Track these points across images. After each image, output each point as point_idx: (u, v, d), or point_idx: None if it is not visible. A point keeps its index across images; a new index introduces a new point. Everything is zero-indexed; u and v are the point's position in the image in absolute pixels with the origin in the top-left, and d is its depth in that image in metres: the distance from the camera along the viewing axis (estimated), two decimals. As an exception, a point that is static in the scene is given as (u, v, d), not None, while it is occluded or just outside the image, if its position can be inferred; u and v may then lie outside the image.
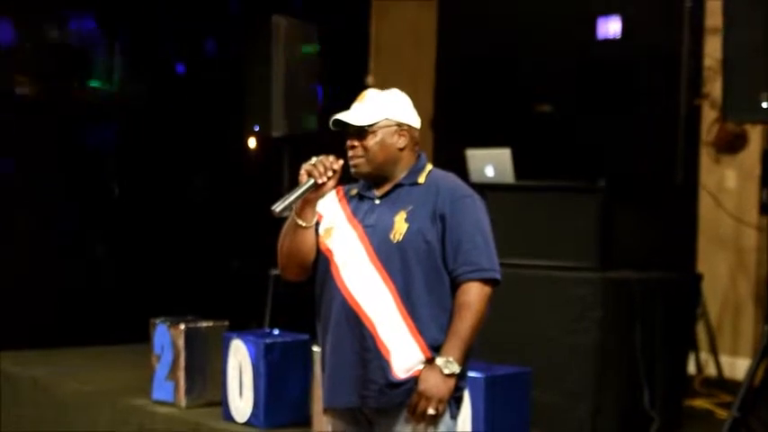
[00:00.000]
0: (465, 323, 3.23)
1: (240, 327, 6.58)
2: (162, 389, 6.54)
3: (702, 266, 8.13)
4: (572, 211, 6.14)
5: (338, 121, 3.40)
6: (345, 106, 3.48)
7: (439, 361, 3.21)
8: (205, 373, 6.48)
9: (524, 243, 6.13)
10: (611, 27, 8.90)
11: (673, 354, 6.38)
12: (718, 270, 8.19)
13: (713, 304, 8.03)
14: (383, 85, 3.65)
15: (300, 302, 7.32)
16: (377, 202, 3.41)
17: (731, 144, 8.26)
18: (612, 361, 5.93)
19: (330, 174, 3.33)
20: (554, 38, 8.98)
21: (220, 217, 10.04)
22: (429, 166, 3.47)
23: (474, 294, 3.26)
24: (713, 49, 7.67)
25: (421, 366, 3.25)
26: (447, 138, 9.54)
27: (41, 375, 7.66)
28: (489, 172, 7.11)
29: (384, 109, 3.42)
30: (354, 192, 3.49)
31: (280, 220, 3.42)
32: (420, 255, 3.27)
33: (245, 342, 6.04)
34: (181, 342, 6.42)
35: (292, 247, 3.39)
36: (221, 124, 9.66)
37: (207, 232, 9.95)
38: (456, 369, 3.21)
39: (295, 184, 3.34)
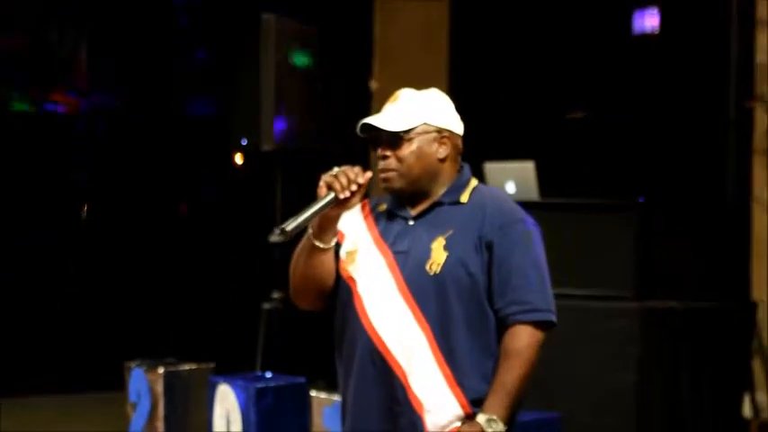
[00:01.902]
0: (512, 374, 3.09)
1: (228, 369, 6.60)
2: (138, 442, 6.56)
3: (757, 293, 8.12)
4: (606, 232, 6.15)
5: (367, 126, 3.23)
6: (346, 115, 3.41)
7: (480, 419, 3.08)
8: (187, 424, 6.50)
9: (551, 269, 6.13)
10: (648, 21, 8.94)
11: (724, 395, 6.38)
12: (775, 298, 8.18)
13: (770, 337, 8.03)
14: (389, 91, 3.56)
15: (296, 340, 7.38)
16: (410, 223, 3.24)
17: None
18: (654, 404, 5.93)
19: (354, 188, 3.14)
20: (584, 35, 9.01)
21: (204, 244, 10.09)
22: (473, 182, 3.30)
23: (524, 340, 3.11)
24: (765, 43, 7.69)
25: (459, 424, 3.12)
26: (463, 149, 9.57)
27: (5, 428, 7.68)
28: (510, 188, 7.14)
29: (422, 112, 3.24)
30: (383, 208, 3.32)
31: (274, 246, 3.32)
32: (461, 290, 3.12)
33: (234, 387, 6.06)
34: (159, 388, 6.44)
35: (307, 272, 3.25)
36: (204, 139, 9.72)
37: (189, 261, 10.00)
38: (501, 429, 3.08)
39: (288, 205, 3.29)
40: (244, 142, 7.87)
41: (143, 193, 10.09)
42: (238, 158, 9.01)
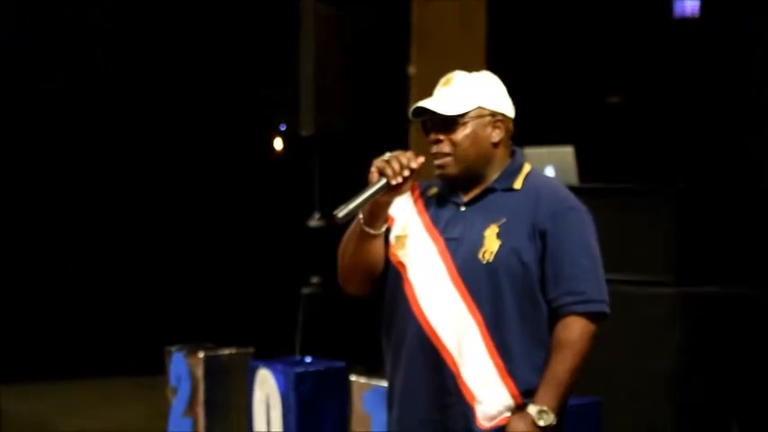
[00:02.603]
0: (564, 365, 3.07)
1: (268, 354, 6.63)
2: (179, 426, 6.60)
3: (798, 279, 8.07)
4: (646, 217, 6.13)
5: (420, 110, 3.17)
6: (386, 98, 3.33)
7: (531, 410, 3.05)
8: (228, 408, 6.54)
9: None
10: (688, 4, 8.89)
11: (763, 382, 6.34)
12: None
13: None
14: (427, 76, 3.52)
15: (335, 325, 7.41)
16: (462, 209, 3.19)
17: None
18: (694, 390, 5.92)
19: (406, 173, 3.06)
20: (623, 18, 8.97)
21: (244, 228, 10.13)
22: (527, 167, 3.24)
23: (577, 331, 3.08)
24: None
25: (509, 414, 3.09)
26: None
27: (43, 412, 7.76)
28: (550, 172, 7.12)
29: (476, 95, 3.18)
30: (434, 191, 3.27)
31: (310, 230, 3.27)
32: (514, 279, 3.08)
33: (274, 371, 6.08)
34: (200, 372, 6.48)
35: (357, 258, 3.20)
36: (241, 123, 9.75)
37: (229, 246, 10.04)
38: (552, 420, 3.05)
39: (326, 190, 3.26)
40: (283, 127, 7.90)
41: (184, 177, 10.14)
42: (278, 143, 9.04)
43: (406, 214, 3.25)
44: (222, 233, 10.14)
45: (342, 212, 3.02)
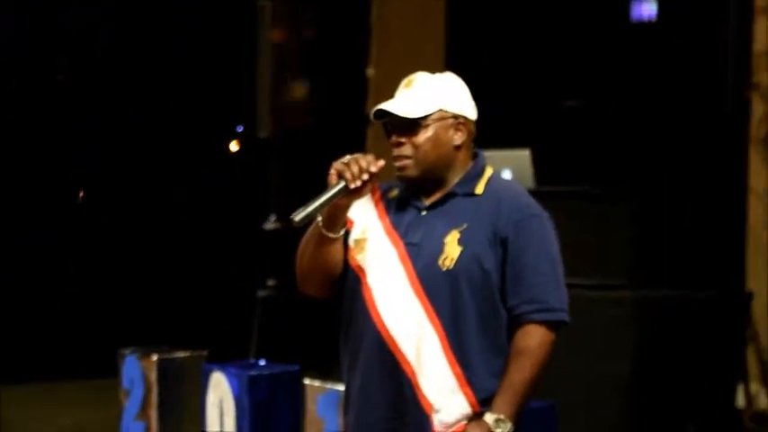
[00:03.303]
0: (523, 374, 3.06)
1: (222, 357, 6.60)
2: (131, 429, 6.56)
3: (752, 284, 8.13)
4: (600, 221, 6.15)
5: (381, 112, 3.14)
6: (344, 100, 3.33)
7: (488, 418, 3.03)
8: (181, 411, 6.50)
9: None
10: (645, 8, 8.94)
11: (718, 384, 6.39)
12: (770, 287, 8.20)
13: (765, 327, 8.04)
14: (386, 77, 3.48)
15: (290, 328, 7.39)
16: (423, 213, 3.17)
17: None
18: (650, 393, 5.95)
19: (366, 177, 3.04)
20: (581, 21, 9.01)
21: (199, 231, 10.09)
22: (488, 171, 3.23)
23: (537, 339, 3.07)
24: (763, 32, 7.69)
25: (466, 422, 3.07)
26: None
27: (-5, 416, 7.69)
28: (507, 176, 7.14)
29: (438, 97, 3.16)
30: (395, 194, 3.24)
31: (269, 234, 3.25)
32: (475, 286, 3.06)
33: (227, 374, 6.06)
34: (153, 375, 6.44)
35: (315, 261, 3.18)
36: (199, 126, 9.72)
37: (184, 248, 10.00)
38: (509, 429, 3.04)
39: (283, 193, 3.23)
40: (240, 129, 7.88)
41: (137, 180, 10.09)
42: (234, 145, 9.01)
43: (365, 217, 3.22)
44: (178, 235, 10.09)
45: (299, 216, 3.00)
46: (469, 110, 3.23)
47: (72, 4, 9.84)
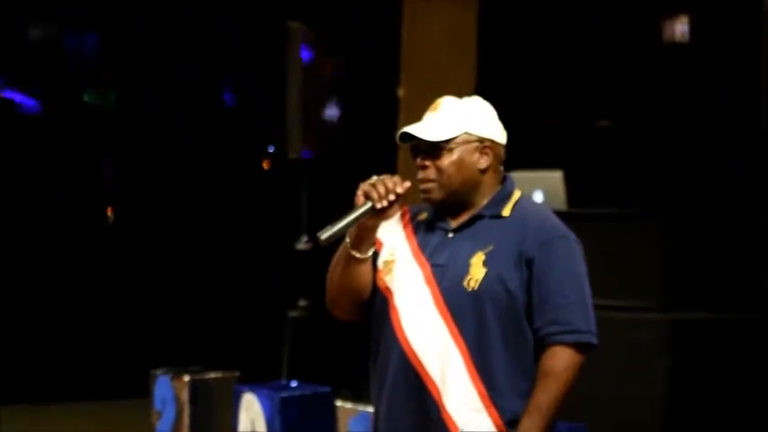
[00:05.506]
0: (549, 395, 3.05)
1: (254, 378, 6.63)
2: (163, 450, 6.59)
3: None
4: (633, 242, 6.13)
5: (407, 135, 3.18)
6: (375, 121, 3.31)
7: None
8: (213, 432, 6.53)
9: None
10: (677, 29, 8.93)
11: (753, 408, 6.35)
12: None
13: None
14: (416, 98, 3.49)
15: (322, 349, 7.40)
16: (450, 235, 3.19)
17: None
18: (681, 416, 5.92)
19: (392, 197, 3.09)
20: (613, 43, 9.00)
21: (231, 251, 10.12)
22: (516, 194, 3.23)
23: (564, 361, 3.07)
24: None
25: None
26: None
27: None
28: (538, 197, 7.13)
29: (464, 121, 3.18)
30: (423, 217, 3.26)
31: (301, 254, 3.25)
32: (499, 307, 3.07)
33: (259, 396, 6.08)
34: (185, 396, 6.47)
35: (344, 282, 3.21)
36: (229, 145, 9.77)
37: (216, 269, 10.03)
38: None
39: (314, 213, 3.23)
40: (271, 149, 7.92)
41: (170, 200, 10.15)
42: (266, 165, 9.05)
43: (394, 239, 3.24)
44: (209, 256, 10.13)
45: (325, 234, 3.03)
46: (496, 133, 3.24)
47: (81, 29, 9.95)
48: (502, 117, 3.31)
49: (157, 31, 10.04)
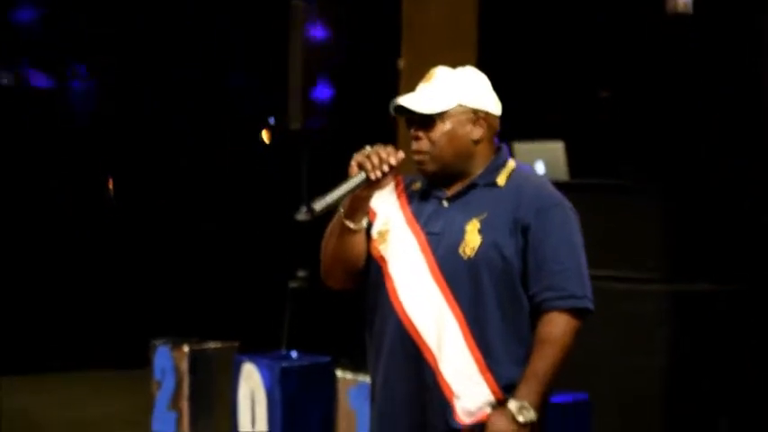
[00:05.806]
0: (546, 361, 3.05)
1: (254, 348, 6.63)
2: (163, 420, 6.60)
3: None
4: (635, 214, 6.13)
5: (400, 107, 3.18)
6: (373, 94, 3.34)
7: (512, 405, 3.04)
8: (212, 402, 6.54)
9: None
10: (681, 0, 8.88)
11: (753, 378, 6.35)
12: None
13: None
14: (416, 69, 3.49)
15: (322, 319, 7.40)
16: (444, 204, 3.19)
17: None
18: (682, 387, 5.92)
19: (386, 168, 3.10)
20: (615, 13, 8.96)
21: (231, 221, 10.11)
22: (511, 164, 3.23)
23: (560, 327, 3.07)
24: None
25: (489, 410, 3.08)
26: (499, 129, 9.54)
27: (29, 405, 7.74)
28: (540, 168, 7.12)
29: (456, 92, 3.17)
30: (417, 186, 3.26)
31: (300, 225, 3.26)
32: (495, 274, 3.08)
33: (259, 366, 6.08)
34: (185, 366, 6.48)
35: (338, 252, 3.22)
36: (228, 117, 9.74)
37: (215, 240, 10.03)
38: (532, 417, 3.03)
39: (315, 184, 3.25)
40: (272, 121, 7.90)
41: (169, 171, 10.13)
42: (266, 136, 9.02)
43: (388, 209, 3.25)
44: (209, 226, 10.12)
45: (319, 205, 3.07)
46: (490, 104, 3.23)
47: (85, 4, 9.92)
48: (503, 88, 3.29)
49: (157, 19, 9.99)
